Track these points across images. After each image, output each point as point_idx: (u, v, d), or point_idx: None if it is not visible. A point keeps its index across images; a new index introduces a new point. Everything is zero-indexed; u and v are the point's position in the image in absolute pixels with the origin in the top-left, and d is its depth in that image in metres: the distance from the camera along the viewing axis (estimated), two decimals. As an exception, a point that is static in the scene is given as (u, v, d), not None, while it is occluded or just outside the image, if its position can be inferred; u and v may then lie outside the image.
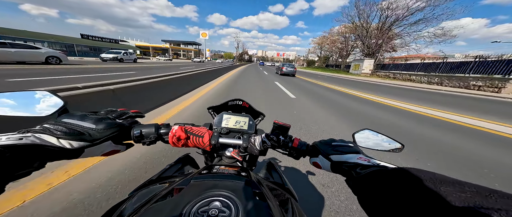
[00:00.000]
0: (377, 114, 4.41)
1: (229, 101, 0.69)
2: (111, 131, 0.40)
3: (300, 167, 1.73)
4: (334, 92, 7.81)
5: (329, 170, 0.43)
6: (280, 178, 0.61)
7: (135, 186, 0.48)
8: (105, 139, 0.39)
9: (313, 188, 1.52)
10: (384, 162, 0.35)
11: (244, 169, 0.48)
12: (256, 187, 0.37)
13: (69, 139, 0.33)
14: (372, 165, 0.34)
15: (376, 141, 0.53)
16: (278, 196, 0.46)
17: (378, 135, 0.54)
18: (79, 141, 0.34)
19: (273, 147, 0.51)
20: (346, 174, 0.37)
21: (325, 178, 1.64)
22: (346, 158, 0.40)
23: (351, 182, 0.35)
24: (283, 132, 0.51)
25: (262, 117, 0.72)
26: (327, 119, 3.68)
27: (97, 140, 0.37)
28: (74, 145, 0.33)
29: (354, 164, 0.37)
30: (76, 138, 0.34)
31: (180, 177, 0.47)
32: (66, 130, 0.34)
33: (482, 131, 3.46)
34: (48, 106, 0.40)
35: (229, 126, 0.63)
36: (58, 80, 6.18)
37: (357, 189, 0.32)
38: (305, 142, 0.53)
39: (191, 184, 0.36)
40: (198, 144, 0.49)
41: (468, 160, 2.28)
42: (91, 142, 0.36)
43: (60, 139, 0.32)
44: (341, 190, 1.51)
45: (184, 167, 0.65)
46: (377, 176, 0.29)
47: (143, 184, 0.48)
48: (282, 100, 5.23)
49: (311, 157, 0.49)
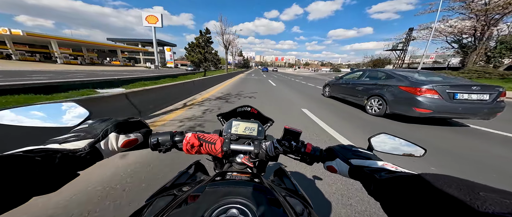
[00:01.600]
0: None
1: (237, 108, 0.70)
2: (110, 122, 0.41)
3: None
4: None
5: (346, 175, 0.42)
6: (292, 184, 0.59)
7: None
8: (105, 131, 0.39)
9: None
10: (413, 171, 0.32)
11: (255, 175, 0.49)
12: (271, 193, 0.38)
13: (72, 140, 0.34)
14: (399, 171, 0.33)
15: (394, 145, 0.51)
16: (292, 203, 0.44)
17: (396, 139, 0.52)
18: (84, 139, 0.35)
19: (285, 152, 0.51)
20: (367, 178, 0.36)
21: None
22: (368, 163, 0.39)
23: (372, 186, 0.34)
24: (295, 137, 0.51)
25: (271, 123, 0.73)
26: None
27: (99, 134, 0.38)
28: (80, 145, 0.34)
29: (377, 168, 0.36)
30: (78, 138, 0.35)
31: (194, 184, 0.47)
32: (69, 134, 0.36)
33: None
34: (73, 117, 0.42)
35: (238, 133, 0.64)
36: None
37: (380, 193, 0.31)
38: (318, 147, 0.53)
39: (206, 191, 0.36)
40: (211, 151, 0.50)
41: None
42: (94, 137, 0.37)
43: (63, 144, 0.33)
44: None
45: (195, 173, 0.65)
46: (407, 181, 0.27)
47: (158, 191, 0.48)
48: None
49: (326, 161, 0.49)
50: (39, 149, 0.29)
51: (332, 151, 0.48)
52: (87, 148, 0.34)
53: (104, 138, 0.38)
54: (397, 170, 0.34)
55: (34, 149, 0.28)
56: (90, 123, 0.41)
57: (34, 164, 0.26)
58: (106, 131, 0.39)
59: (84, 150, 0.34)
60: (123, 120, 0.44)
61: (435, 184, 0.23)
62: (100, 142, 0.37)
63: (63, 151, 0.31)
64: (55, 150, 0.30)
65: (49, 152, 0.29)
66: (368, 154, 0.43)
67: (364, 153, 0.43)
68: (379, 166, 0.37)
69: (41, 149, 0.29)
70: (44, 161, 0.27)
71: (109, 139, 0.39)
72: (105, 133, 0.39)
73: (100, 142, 0.37)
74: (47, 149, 0.29)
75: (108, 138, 0.39)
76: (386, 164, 0.37)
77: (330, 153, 0.48)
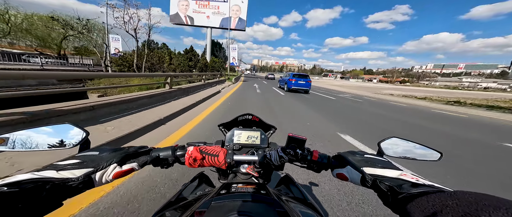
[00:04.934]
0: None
1: (238, 117, 0.69)
2: (115, 155, 0.40)
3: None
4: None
5: (358, 183, 0.40)
6: (300, 193, 0.59)
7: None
8: (109, 162, 0.38)
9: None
10: (436, 184, 0.30)
11: (261, 185, 0.49)
12: (278, 205, 0.37)
13: (71, 168, 0.34)
14: (423, 184, 0.31)
15: (406, 148, 0.50)
16: (303, 213, 0.44)
17: (409, 143, 0.51)
18: (82, 169, 0.35)
19: (291, 161, 0.50)
20: (382, 189, 0.34)
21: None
22: (383, 172, 0.37)
23: (390, 198, 0.32)
24: (299, 144, 0.50)
25: (274, 130, 0.72)
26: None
27: (101, 165, 0.37)
28: (76, 174, 0.33)
29: (395, 179, 0.34)
30: (78, 166, 0.35)
31: (199, 198, 0.48)
32: (72, 161, 0.36)
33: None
34: (71, 139, 0.42)
35: (241, 142, 0.64)
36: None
37: (402, 208, 0.28)
38: (325, 154, 0.52)
39: (212, 207, 0.36)
40: (214, 163, 0.48)
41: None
42: (94, 168, 0.36)
43: (60, 171, 0.32)
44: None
45: (200, 185, 0.64)
46: (438, 199, 0.24)
47: (163, 206, 0.49)
48: None
49: (335, 168, 0.48)
50: (27, 180, 0.27)
51: (342, 158, 0.47)
52: (82, 178, 0.33)
53: (103, 169, 0.37)
54: (419, 181, 0.32)
55: (22, 180, 0.27)
56: (98, 153, 0.40)
57: (16, 198, 0.24)
58: (110, 162, 0.38)
59: (76, 180, 0.32)
60: (133, 152, 0.44)
61: (478, 205, 0.20)
62: (97, 172, 0.36)
63: (55, 181, 0.30)
64: (46, 181, 0.29)
65: (38, 183, 0.27)
66: (382, 162, 0.41)
67: (378, 160, 0.42)
68: (396, 176, 0.35)
69: (30, 179, 0.27)
70: (29, 193, 0.26)
71: (108, 169, 0.38)
72: (109, 164, 0.38)
73: (97, 172, 0.36)
74: (37, 179, 0.28)
75: (107, 169, 0.38)
76: (404, 174, 0.35)
77: (340, 160, 0.48)
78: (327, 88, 19.66)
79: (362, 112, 6.56)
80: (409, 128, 4.67)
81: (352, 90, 19.76)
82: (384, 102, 10.43)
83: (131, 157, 0.42)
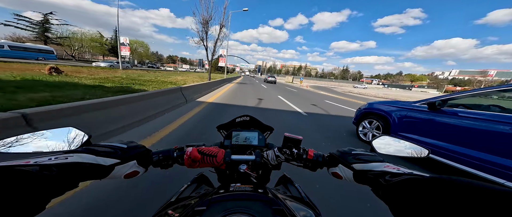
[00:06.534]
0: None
1: (236, 118, 0.71)
2: (138, 151, 0.44)
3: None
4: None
5: (352, 181, 0.42)
6: (298, 192, 0.60)
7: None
8: (132, 157, 0.42)
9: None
10: (416, 171, 0.32)
11: (259, 185, 0.49)
12: (275, 203, 0.37)
13: (104, 156, 0.37)
14: (403, 173, 0.33)
15: (397, 147, 0.52)
16: (299, 211, 0.45)
17: (400, 142, 0.52)
18: (111, 158, 0.38)
19: (287, 160, 0.51)
20: (373, 183, 0.36)
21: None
22: (370, 167, 0.39)
23: (380, 191, 0.33)
24: (295, 144, 0.51)
25: (271, 130, 0.73)
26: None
27: (126, 158, 0.40)
28: (107, 162, 0.37)
29: (381, 172, 0.36)
30: (109, 155, 0.38)
31: (198, 198, 0.48)
32: (103, 149, 0.39)
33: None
34: (74, 140, 0.44)
35: (239, 143, 0.65)
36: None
37: (389, 197, 0.30)
38: (320, 153, 0.53)
39: (211, 205, 0.36)
40: (212, 164, 0.49)
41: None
42: (121, 159, 0.39)
43: (98, 157, 0.36)
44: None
45: (199, 186, 0.66)
46: (414, 184, 0.27)
47: (164, 206, 0.49)
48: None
49: (329, 167, 0.49)
50: (69, 163, 0.31)
51: (334, 157, 0.47)
52: (109, 167, 0.37)
53: (126, 163, 0.40)
54: (400, 171, 0.34)
55: (65, 163, 0.31)
56: (124, 146, 0.43)
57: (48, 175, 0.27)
58: (132, 157, 0.41)
59: (105, 168, 0.36)
60: (145, 150, 0.47)
61: (450, 187, 0.22)
62: (120, 165, 0.39)
63: (91, 165, 0.34)
64: (80, 164, 0.33)
65: (72, 167, 0.31)
66: (370, 156, 0.42)
67: (365, 156, 0.43)
68: (382, 169, 0.36)
69: (70, 163, 0.31)
70: (59, 175, 0.29)
71: (128, 165, 0.41)
72: (130, 159, 0.41)
73: (121, 165, 0.39)
74: (72, 163, 0.32)
75: (128, 164, 0.41)
76: (387, 166, 0.37)
77: (332, 159, 0.48)
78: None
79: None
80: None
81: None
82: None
83: (134, 157, 0.43)
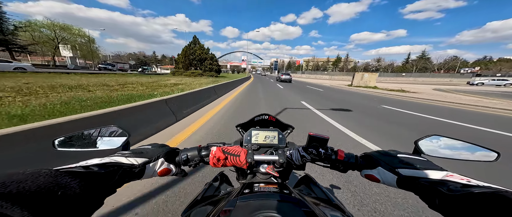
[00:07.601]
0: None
1: (255, 117, 0.69)
2: (162, 149, 0.47)
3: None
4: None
5: (394, 185, 0.39)
6: (323, 193, 0.57)
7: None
8: (158, 156, 0.44)
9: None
10: (493, 185, 0.27)
11: (283, 185, 0.48)
12: (305, 206, 0.36)
13: (133, 156, 0.40)
14: (475, 185, 0.28)
15: (452, 148, 0.44)
16: (329, 213, 0.42)
17: (455, 141, 0.45)
18: (141, 158, 0.41)
19: (313, 160, 0.49)
20: (427, 191, 0.32)
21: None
22: (424, 174, 0.35)
23: (437, 200, 0.29)
24: (321, 144, 0.48)
25: (291, 129, 0.71)
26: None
27: (153, 156, 0.43)
28: (138, 162, 0.39)
29: (439, 181, 0.32)
30: (138, 156, 0.41)
31: (224, 197, 0.49)
32: (130, 152, 0.42)
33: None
34: (116, 139, 0.48)
35: (259, 142, 0.64)
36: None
37: (453, 210, 0.27)
38: (352, 153, 0.51)
39: (238, 205, 0.36)
40: (236, 163, 0.49)
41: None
42: (149, 158, 0.42)
43: (128, 158, 0.39)
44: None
45: (221, 185, 0.67)
46: (499, 200, 0.23)
47: (190, 205, 0.52)
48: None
49: (363, 169, 0.47)
50: (110, 163, 0.34)
51: (371, 158, 0.45)
52: (141, 165, 0.39)
53: (155, 161, 0.43)
54: (471, 183, 0.29)
55: (106, 163, 0.33)
56: (146, 146, 0.46)
57: (101, 176, 0.30)
58: (159, 155, 0.44)
59: (138, 167, 0.38)
60: (172, 149, 0.50)
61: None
62: (150, 163, 0.41)
63: (124, 166, 0.36)
64: (120, 165, 0.35)
65: (114, 167, 0.33)
66: (421, 162, 0.39)
67: (416, 161, 0.39)
68: (441, 178, 0.32)
69: (111, 163, 0.34)
70: (110, 173, 0.32)
71: (157, 163, 0.43)
72: (157, 157, 0.44)
73: (150, 163, 0.42)
74: (113, 164, 0.34)
75: (157, 162, 0.43)
76: (450, 175, 0.32)
77: (369, 160, 0.46)
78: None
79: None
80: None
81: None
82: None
83: (162, 156, 0.45)
